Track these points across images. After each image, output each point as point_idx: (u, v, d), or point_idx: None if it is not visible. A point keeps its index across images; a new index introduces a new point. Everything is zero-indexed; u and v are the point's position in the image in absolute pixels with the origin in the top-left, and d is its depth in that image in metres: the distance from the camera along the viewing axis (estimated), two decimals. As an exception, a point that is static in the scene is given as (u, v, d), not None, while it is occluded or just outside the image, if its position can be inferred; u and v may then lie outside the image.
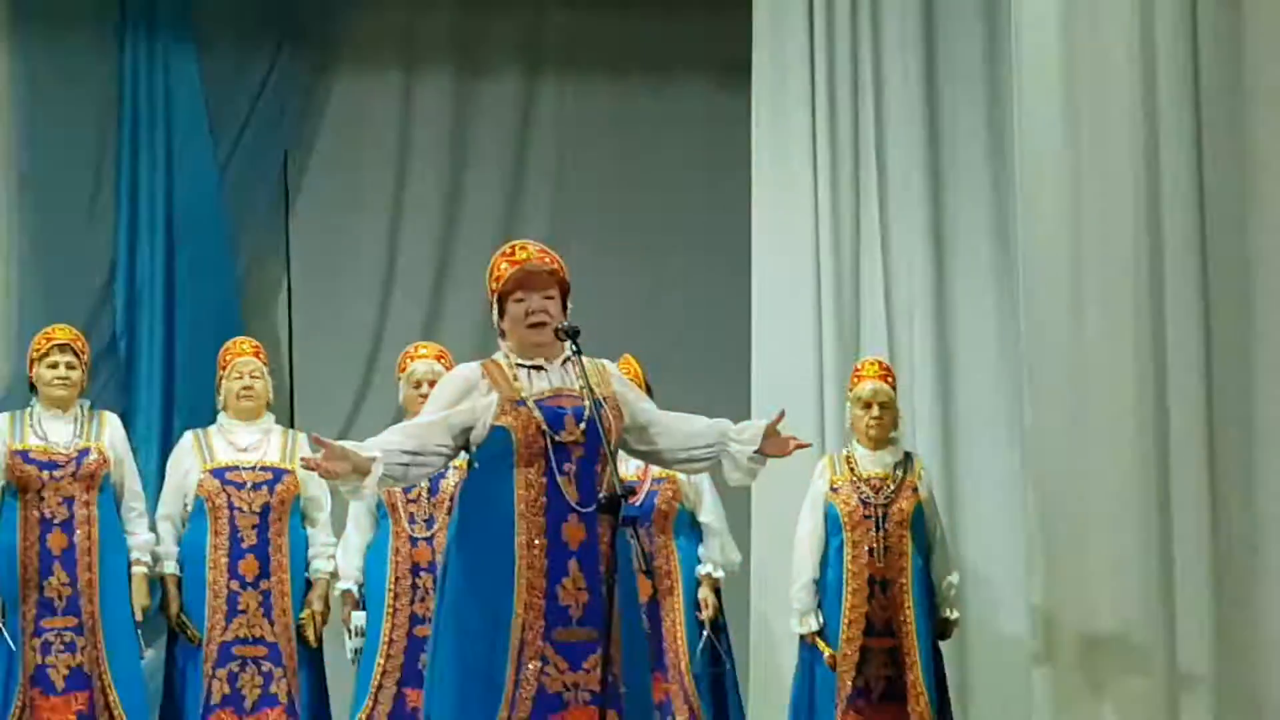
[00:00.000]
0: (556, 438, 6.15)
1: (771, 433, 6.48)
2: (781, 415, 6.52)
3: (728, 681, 8.73)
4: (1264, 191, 8.23)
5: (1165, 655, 8.15)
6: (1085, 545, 8.16)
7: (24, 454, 8.08)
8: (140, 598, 8.35)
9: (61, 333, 8.52)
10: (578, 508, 6.12)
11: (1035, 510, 8.41)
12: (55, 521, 8.12)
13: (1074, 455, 8.24)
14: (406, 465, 6.18)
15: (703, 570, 8.60)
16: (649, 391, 8.01)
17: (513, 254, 6.49)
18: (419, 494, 8.20)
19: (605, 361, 6.60)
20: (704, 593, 8.53)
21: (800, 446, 6.71)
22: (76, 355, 8.39)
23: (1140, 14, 8.47)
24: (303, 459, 6.36)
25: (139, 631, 8.47)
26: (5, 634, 7.99)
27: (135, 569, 8.35)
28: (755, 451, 6.45)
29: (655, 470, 8.16)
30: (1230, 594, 8.07)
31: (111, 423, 8.50)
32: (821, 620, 8.26)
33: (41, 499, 8.08)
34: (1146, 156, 8.36)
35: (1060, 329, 8.37)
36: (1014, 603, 9.19)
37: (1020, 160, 8.70)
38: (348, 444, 6.11)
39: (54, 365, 8.29)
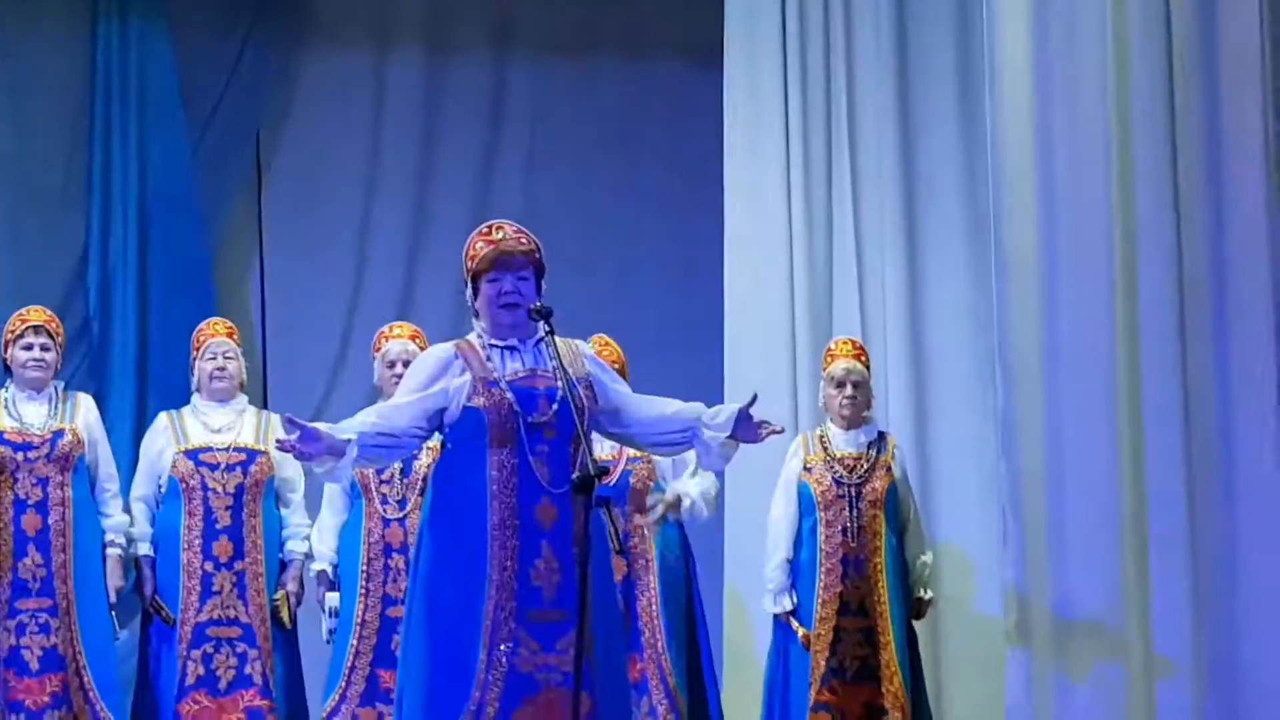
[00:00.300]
0: (529, 419, 6.17)
1: (744, 417, 6.46)
2: (754, 399, 6.50)
3: (704, 661, 8.69)
4: (1234, 180, 8.40)
5: (1141, 637, 8.26)
6: (1061, 526, 8.23)
7: None
8: (115, 579, 8.41)
9: (36, 314, 8.56)
10: (550, 488, 6.14)
11: (1010, 491, 8.37)
12: (30, 503, 8.15)
13: (1048, 437, 8.31)
14: (381, 447, 6.21)
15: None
16: (624, 372, 8.25)
17: (489, 234, 6.49)
18: (392, 475, 8.24)
19: (579, 342, 6.61)
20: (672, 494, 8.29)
21: (774, 433, 6.70)
22: (51, 337, 8.43)
23: (1113, 5, 8.58)
24: (278, 440, 6.28)
25: (113, 613, 8.48)
26: None
27: (110, 550, 8.39)
28: (728, 437, 6.44)
29: (630, 450, 8.08)
30: (1207, 576, 8.18)
31: (86, 404, 8.54)
32: (795, 600, 8.31)
33: (16, 480, 8.11)
34: (1119, 146, 8.53)
35: (1032, 312, 8.43)
36: (988, 583, 9.19)
37: (994, 146, 8.71)
38: (322, 425, 6.11)
39: (29, 347, 8.32)
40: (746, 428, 6.44)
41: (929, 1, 10.21)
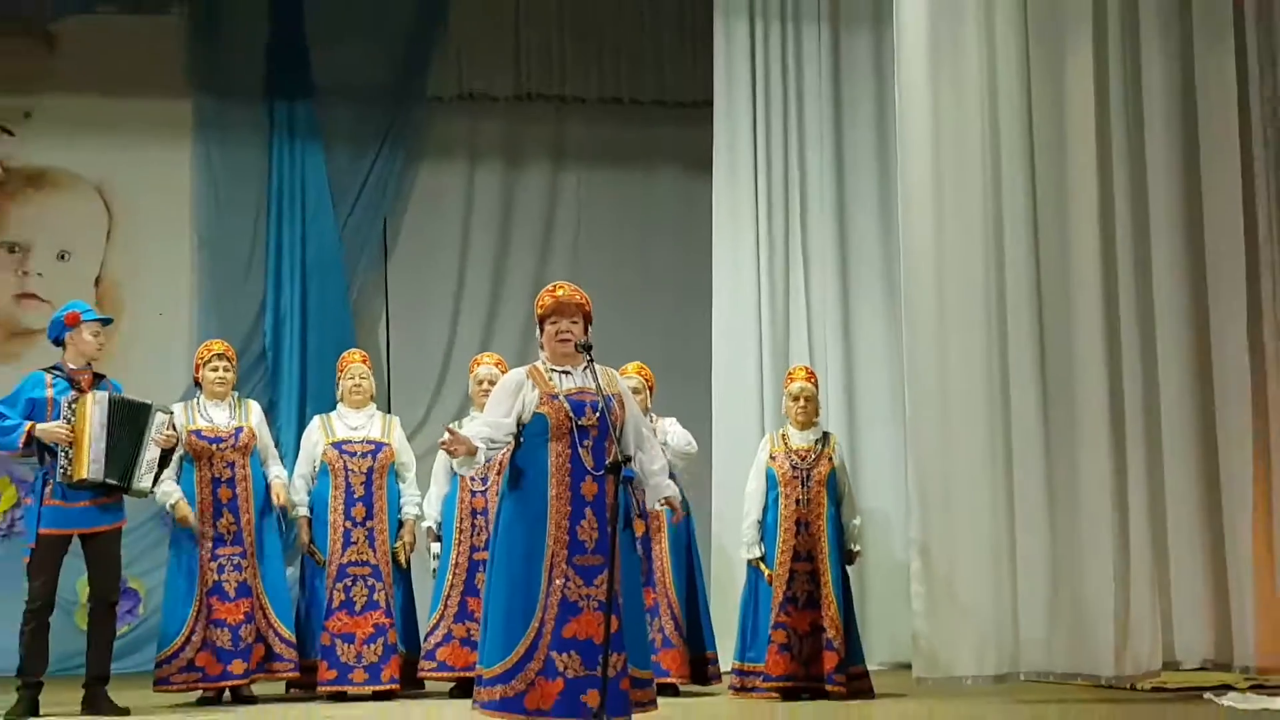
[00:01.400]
0: (578, 422, 6.19)
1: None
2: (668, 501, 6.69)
3: (699, 593, 8.67)
4: (1079, 228, 8.40)
5: (1009, 579, 8.23)
6: (950, 499, 8.19)
7: (196, 432, 8.15)
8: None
9: (218, 345, 8.64)
10: (592, 471, 6.17)
11: (914, 473, 8.33)
12: (221, 480, 8.21)
13: (942, 435, 8.25)
14: (494, 450, 6.28)
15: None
16: (651, 387, 8.58)
17: (553, 290, 6.43)
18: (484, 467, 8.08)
19: (612, 370, 6.61)
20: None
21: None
22: (230, 361, 8.52)
23: (989, 101, 8.44)
24: (441, 442, 6.28)
25: (284, 555, 8.49)
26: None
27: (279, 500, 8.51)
28: (657, 501, 6.53)
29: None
30: (1060, 531, 8.28)
31: (255, 408, 8.61)
32: (762, 550, 8.22)
33: (211, 464, 8.16)
34: (995, 208, 8.43)
35: (931, 345, 8.32)
36: (899, 538, 9.29)
37: (903, 229, 8.54)
38: (460, 434, 6.18)
39: (215, 369, 8.40)
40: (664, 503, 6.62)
41: (859, 124, 10.13)
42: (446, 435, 6.29)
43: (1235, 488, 8.37)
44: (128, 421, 7.64)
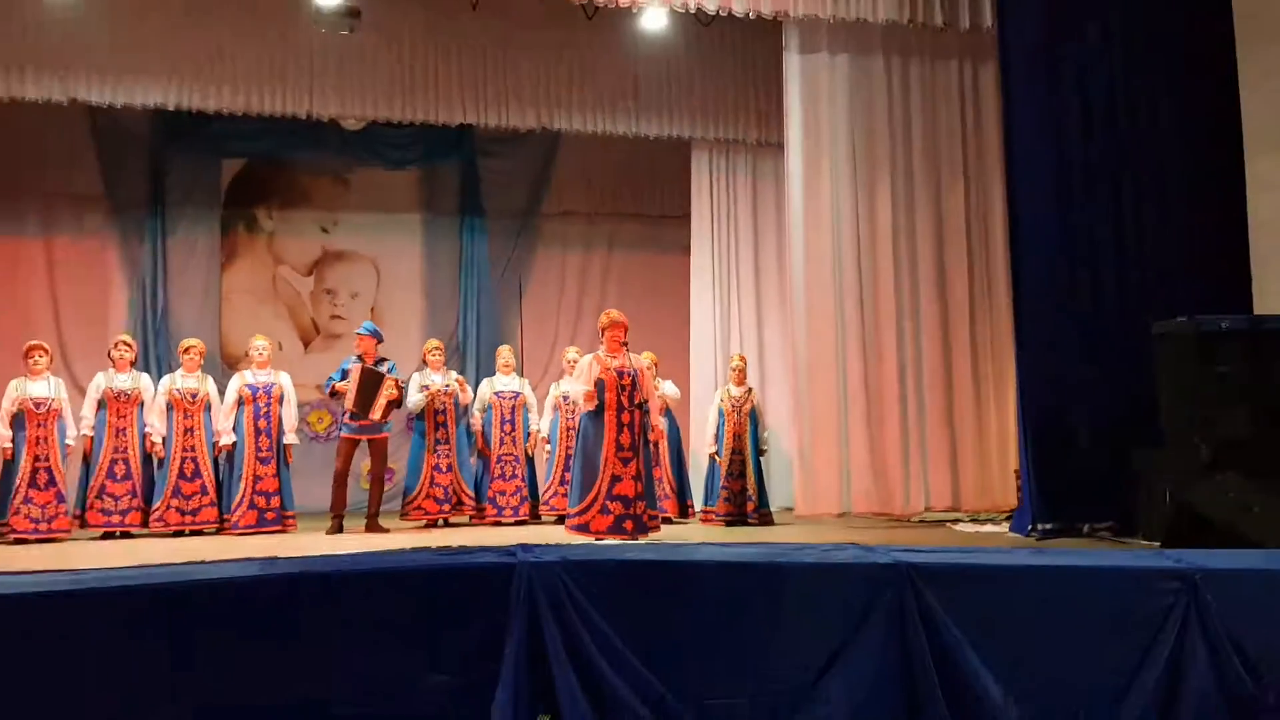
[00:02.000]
0: (621, 382, 6.27)
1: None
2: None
3: (683, 469, 8.37)
4: (883, 276, 8.12)
5: (844, 459, 7.94)
6: (815, 418, 7.94)
7: (426, 387, 7.67)
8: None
9: (432, 342, 8.02)
10: (628, 407, 6.23)
11: (796, 408, 8.08)
12: (442, 409, 7.71)
13: (809, 385, 7.97)
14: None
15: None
16: (656, 365, 8.02)
17: (609, 313, 6.54)
18: (572, 403, 7.68)
19: (638, 355, 6.58)
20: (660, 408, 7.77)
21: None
22: (439, 351, 7.99)
23: (834, 212, 8.05)
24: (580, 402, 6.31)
25: (471, 448, 8.05)
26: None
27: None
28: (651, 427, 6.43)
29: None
30: (874, 430, 8.03)
31: (454, 376, 7.98)
32: (715, 447, 8.08)
33: (433, 401, 7.65)
34: (838, 265, 8.08)
35: (804, 339, 8.00)
36: (787, 441, 8.76)
37: (792, 276, 8.17)
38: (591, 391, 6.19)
39: (432, 352, 7.86)
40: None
41: (767, 236, 9.57)
42: (585, 403, 6.22)
43: (963, 413, 8.15)
44: (369, 382, 7.28)
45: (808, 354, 8.10)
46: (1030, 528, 6.80)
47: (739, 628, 3.37)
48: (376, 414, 7.35)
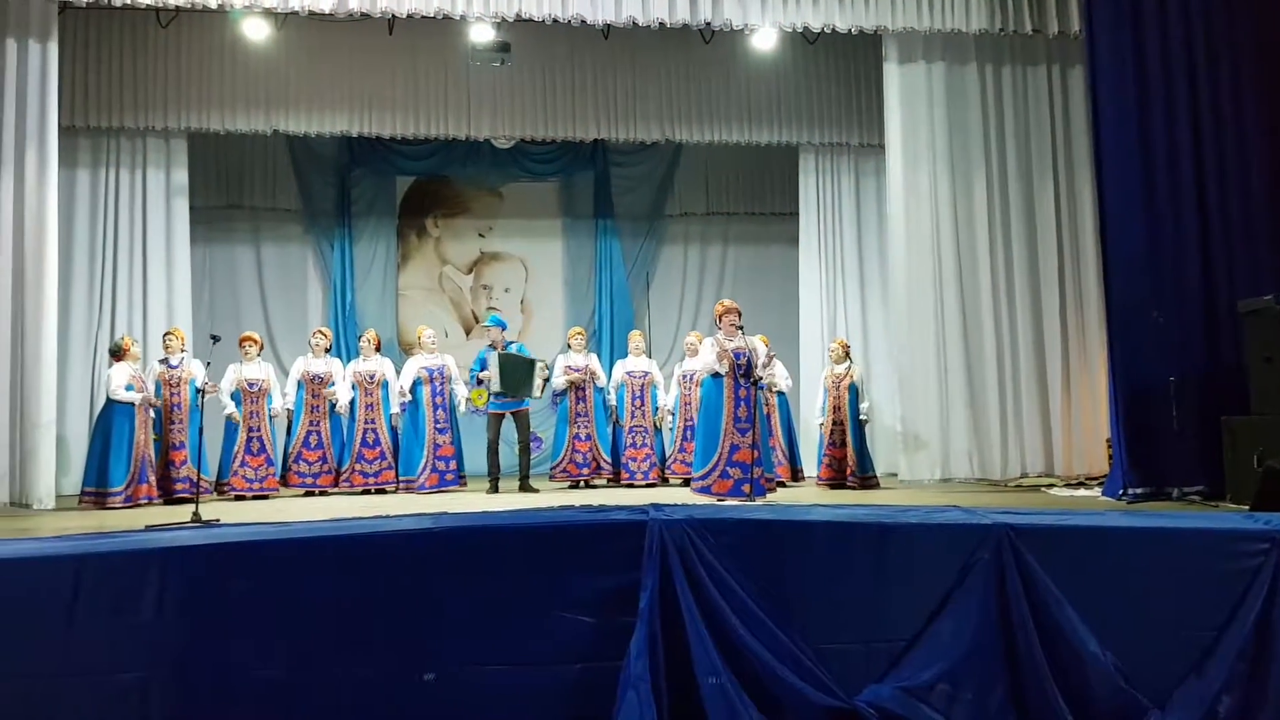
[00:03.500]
0: (738, 361, 6.19)
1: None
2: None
3: (795, 439, 8.01)
4: (981, 269, 7.95)
5: (946, 426, 7.88)
6: (915, 393, 7.83)
7: (570, 366, 7.69)
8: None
9: (576, 330, 8.04)
10: (744, 383, 6.15)
11: (899, 382, 7.92)
12: (578, 386, 7.75)
13: (910, 365, 7.85)
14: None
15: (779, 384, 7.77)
16: (768, 344, 7.21)
17: (724, 303, 6.47)
18: (696, 379, 7.29)
19: (752, 337, 6.45)
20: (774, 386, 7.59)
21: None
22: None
23: (933, 209, 7.94)
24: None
25: (608, 417, 7.94)
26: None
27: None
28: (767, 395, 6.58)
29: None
30: (975, 401, 7.93)
31: (596, 359, 8.00)
32: (822, 418, 7.73)
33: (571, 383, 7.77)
34: (936, 260, 7.93)
35: (904, 322, 7.91)
36: (890, 411, 8.25)
37: (890, 270, 8.14)
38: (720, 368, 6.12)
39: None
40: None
41: (869, 232, 9.28)
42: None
43: (1055, 385, 7.97)
44: (520, 367, 7.31)
45: (909, 334, 8.01)
46: (1121, 492, 6.57)
47: (848, 581, 3.34)
48: (537, 393, 7.46)
